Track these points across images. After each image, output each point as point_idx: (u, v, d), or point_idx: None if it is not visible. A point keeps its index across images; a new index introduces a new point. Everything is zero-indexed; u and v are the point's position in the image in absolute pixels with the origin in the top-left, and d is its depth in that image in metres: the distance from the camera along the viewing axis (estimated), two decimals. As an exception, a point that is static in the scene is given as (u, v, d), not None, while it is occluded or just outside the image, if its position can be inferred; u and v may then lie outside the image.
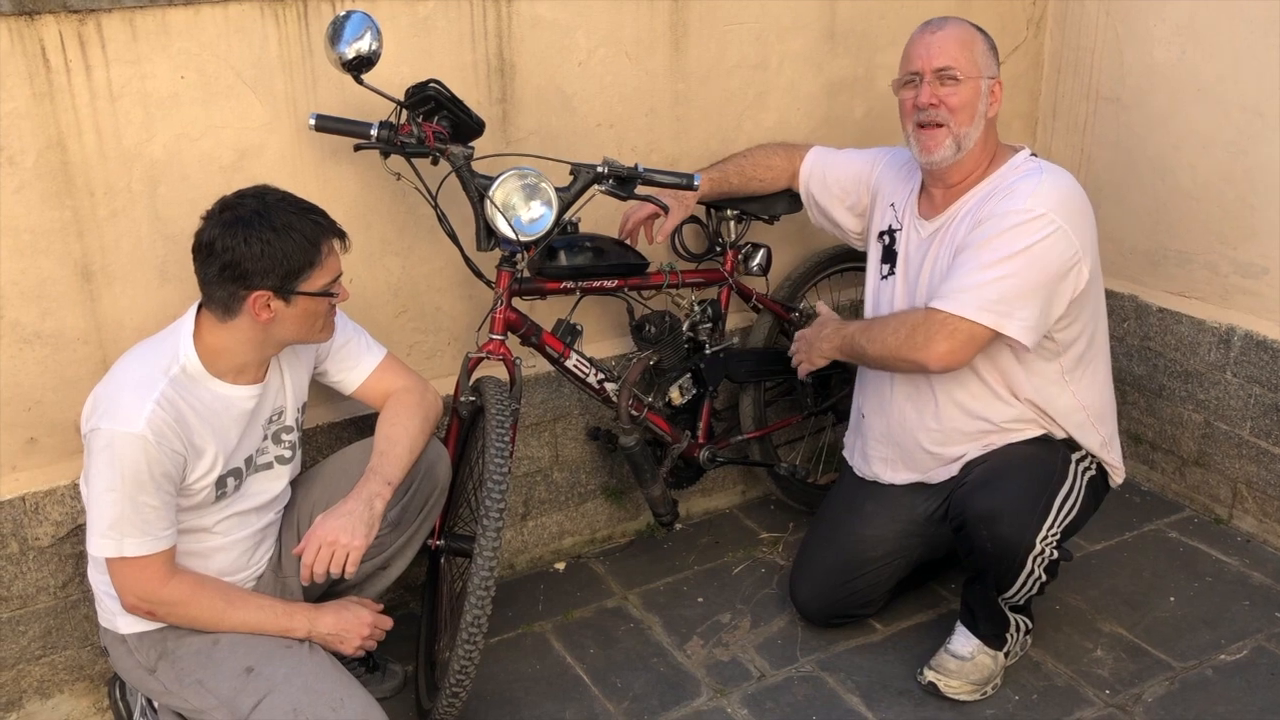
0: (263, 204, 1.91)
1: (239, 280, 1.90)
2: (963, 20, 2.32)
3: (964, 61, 2.25)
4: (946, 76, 2.25)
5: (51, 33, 2.08)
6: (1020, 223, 2.17)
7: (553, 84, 2.62)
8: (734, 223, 2.78)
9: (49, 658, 2.38)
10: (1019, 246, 2.16)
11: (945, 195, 2.36)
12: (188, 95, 2.23)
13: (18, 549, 2.28)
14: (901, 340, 2.26)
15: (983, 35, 2.31)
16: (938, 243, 2.35)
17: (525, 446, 2.80)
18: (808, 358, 2.57)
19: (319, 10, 2.30)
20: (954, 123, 2.26)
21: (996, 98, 2.30)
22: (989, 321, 2.17)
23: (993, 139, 2.34)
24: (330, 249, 1.98)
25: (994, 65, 2.30)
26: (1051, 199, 2.19)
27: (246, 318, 1.94)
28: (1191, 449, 3.10)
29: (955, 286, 2.20)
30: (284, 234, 1.89)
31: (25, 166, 2.13)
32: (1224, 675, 2.46)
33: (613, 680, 2.48)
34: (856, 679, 2.47)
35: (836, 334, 2.47)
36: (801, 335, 2.62)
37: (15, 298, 2.19)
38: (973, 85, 2.25)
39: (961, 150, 2.29)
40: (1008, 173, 2.30)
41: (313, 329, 2.03)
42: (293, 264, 1.91)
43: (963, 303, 2.18)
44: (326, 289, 1.99)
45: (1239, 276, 2.93)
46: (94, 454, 1.89)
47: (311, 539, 1.99)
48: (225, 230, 1.88)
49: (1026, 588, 2.29)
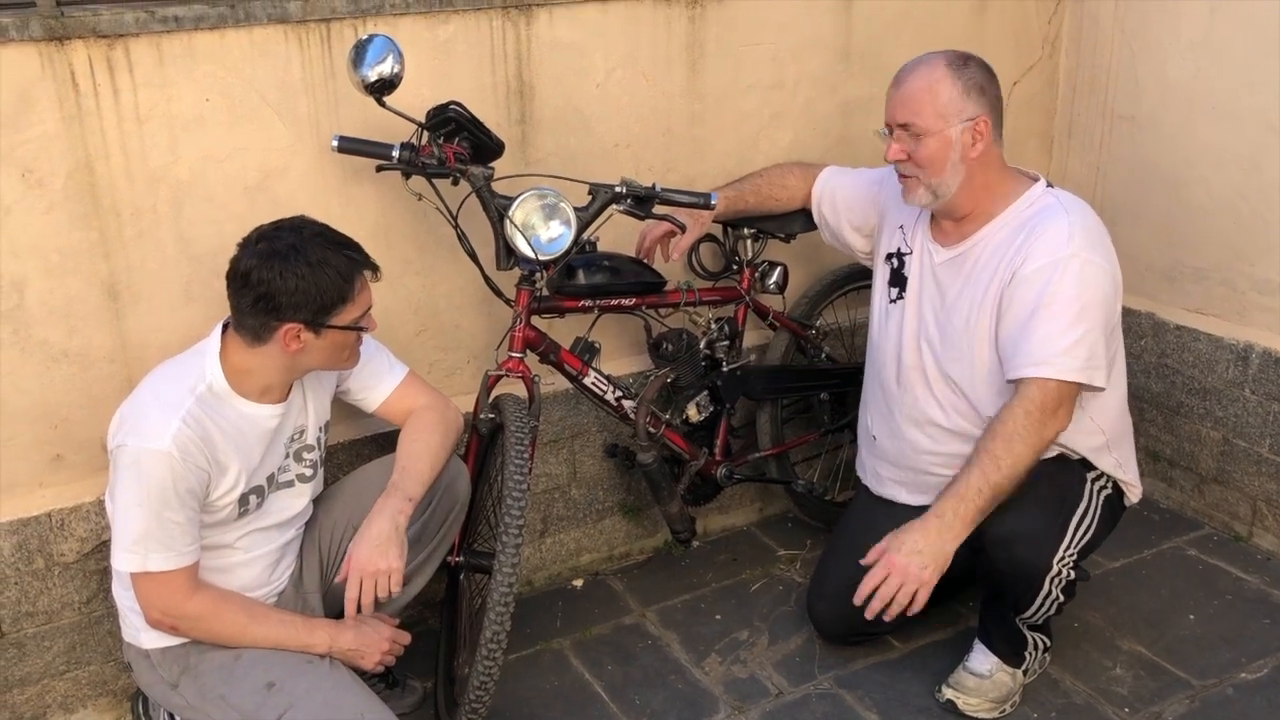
0: (300, 238, 1.93)
1: (272, 312, 1.92)
2: (937, 61, 2.21)
3: (927, 115, 2.19)
4: (910, 133, 2.23)
5: (81, 57, 2.12)
6: (1077, 271, 2.16)
7: (571, 105, 2.65)
8: (751, 241, 2.79)
9: (73, 673, 2.40)
10: (1086, 298, 2.16)
11: (957, 226, 2.34)
12: (213, 118, 2.27)
13: (43, 565, 2.30)
14: (1034, 439, 2.15)
15: (958, 74, 2.19)
16: (962, 274, 2.32)
17: (544, 463, 2.81)
18: (915, 578, 2.11)
19: (341, 34, 2.34)
20: (924, 175, 2.25)
21: (982, 135, 2.20)
22: (1085, 379, 2.17)
23: (992, 173, 2.27)
24: (363, 284, 2.00)
25: (975, 104, 2.20)
26: (1088, 240, 2.19)
27: (276, 346, 1.97)
28: (1210, 466, 3.09)
29: (1051, 352, 2.14)
30: (319, 269, 1.91)
31: (55, 188, 2.17)
32: (1245, 694, 2.44)
33: (631, 697, 2.49)
34: (875, 696, 2.47)
35: (959, 503, 2.12)
36: (888, 562, 2.13)
37: (43, 316, 2.23)
38: (939, 138, 2.20)
39: (940, 197, 2.27)
40: (1025, 209, 2.27)
41: (339, 359, 2.06)
42: (326, 299, 1.94)
43: (1065, 368, 2.15)
44: (357, 323, 2.02)
45: (1256, 293, 2.93)
46: (120, 470, 1.92)
47: (352, 574, 2.01)
48: (262, 262, 1.91)
49: (1044, 609, 2.29)
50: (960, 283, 2.33)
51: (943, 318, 2.36)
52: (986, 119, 2.22)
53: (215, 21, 2.21)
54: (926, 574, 2.11)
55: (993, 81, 2.25)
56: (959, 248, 2.34)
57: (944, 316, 2.36)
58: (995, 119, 2.24)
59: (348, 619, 2.04)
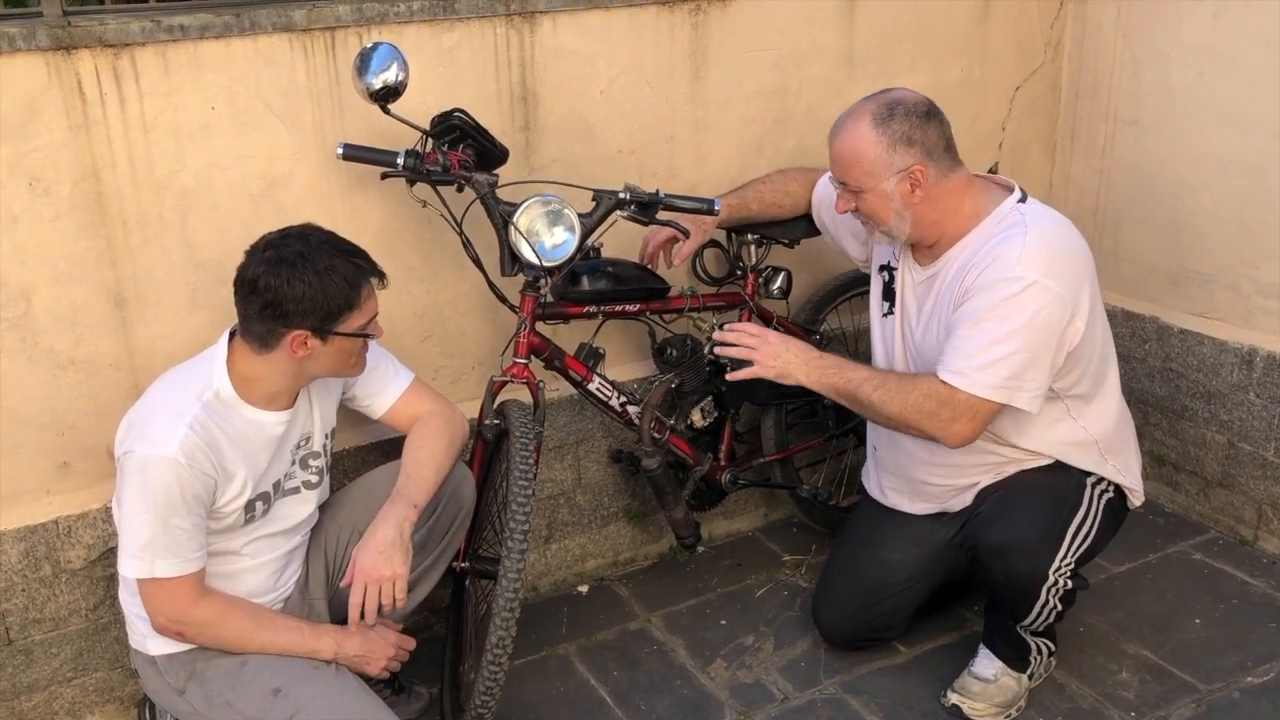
0: (307, 245, 1.94)
1: (279, 319, 1.93)
2: (860, 117, 2.18)
3: (856, 175, 2.20)
4: (848, 190, 2.24)
5: (88, 66, 2.13)
6: (1015, 293, 2.11)
7: (575, 112, 2.65)
8: (754, 247, 2.80)
9: (80, 680, 2.41)
10: (1020, 320, 2.11)
11: (931, 249, 2.32)
12: (218, 126, 2.28)
13: (50, 572, 2.31)
14: (923, 413, 2.18)
15: (881, 130, 2.15)
16: (933, 294, 2.32)
17: (548, 469, 2.82)
18: (768, 363, 2.29)
19: (346, 42, 2.35)
20: (873, 223, 2.27)
21: (920, 181, 2.16)
22: (1002, 399, 2.14)
23: (947, 205, 2.23)
24: (370, 291, 2.01)
25: (902, 157, 2.15)
26: (1040, 263, 2.13)
27: (283, 352, 1.98)
28: (1215, 470, 3.09)
29: (968, 365, 2.14)
30: (326, 277, 1.92)
31: (61, 196, 2.18)
32: (1251, 698, 2.44)
33: (636, 702, 2.49)
34: (880, 701, 2.47)
35: (837, 372, 2.28)
36: (765, 335, 2.33)
37: (50, 325, 2.24)
38: (873, 194, 2.20)
39: (897, 238, 2.27)
40: (993, 226, 2.23)
41: (346, 365, 2.07)
42: (333, 306, 1.94)
43: (976, 382, 2.13)
44: (363, 329, 2.02)
45: (1261, 297, 2.93)
46: (127, 477, 1.93)
47: (356, 580, 2.02)
48: (269, 269, 1.92)
49: (1043, 616, 2.29)
50: (931, 302, 2.33)
51: (919, 335, 2.37)
52: (922, 167, 2.17)
53: (221, 30, 2.22)
54: (776, 365, 2.30)
55: (929, 123, 2.18)
56: (932, 268, 2.33)
57: (919, 334, 2.37)
58: (937, 159, 2.18)
59: (352, 625, 2.05)
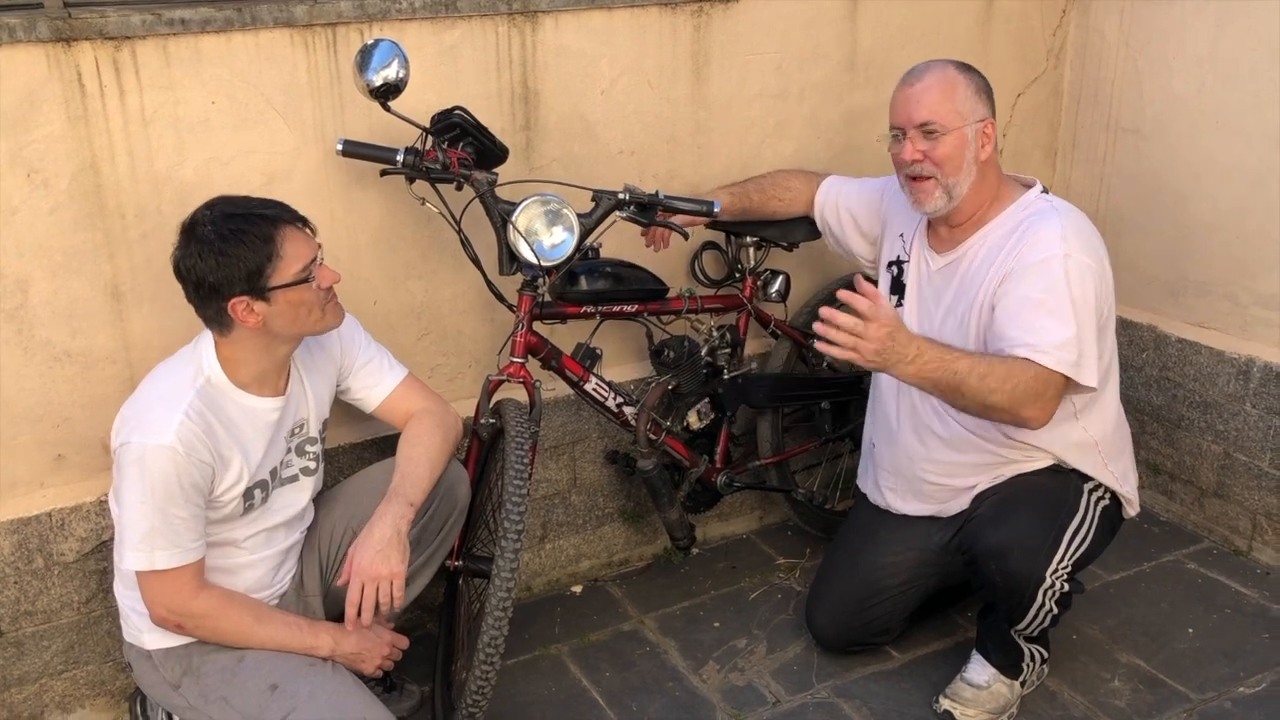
0: (212, 215, 1.94)
1: (212, 295, 1.93)
2: (946, 64, 2.27)
3: (945, 112, 2.22)
4: (928, 131, 2.23)
5: (88, 59, 2.13)
6: (1069, 270, 2.15)
7: (576, 112, 2.65)
8: (753, 249, 2.80)
9: (71, 673, 2.41)
10: (1077, 296, 2.14)
11: (952, 233, 2.35)
12: (218, 120, 2.28)
13: (43, 564, 2.31)
14: (1031, 395, 2.10)
15: (968, 76, 2.25)
16: (955, 279, 2.34)
17: (544, 469, 2.82)
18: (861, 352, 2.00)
19: (347, 38, 2.34)
20: (941, 174, 2.25)
21: (989, 138, 2.25)
22: (1075, 375, 2.14)
23: (993, 177, 2.30)
24: (287, 237, 1.96)
25: (983, 106, 2.25)
26: (1080, 242, 2.19)
27: (239, 327, 1.97)
28: (1211, 480, 3.09)
29: (1046, 341, 2.11)
30: (234, 239, 1.91)
31: (59, 189, 2.17)
32: (1243, 708, 2.44)
33: (628, 704, 2.49)
34: (872, 706, 2.47)
35: (938, 365, 2.06)
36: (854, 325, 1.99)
37: (47, 317, 2.23)
38: (957, 135, 2.22)
39: (954, 199, 2.27)
40: (1018, 213, 2.27)
41: (310, 318, 2.02)
42: (251, 264, 1.92)
43: (1058, 360, 2.11)
44: (300, 276, 1.97)
45: (1259, 308, 2.93)
46: (124, 468, 1.92)
47: (354, 579, 2.01)
48: (185, 251, 1.93)
49: (1038, 620, 2.29)
50: (954, 289, 2.34)
51: (938, 324, 2.36)
52: (992, 122, 2.26)
53: (222, 24, 2.21)
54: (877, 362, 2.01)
55: (991, 90, 2.30)
56: (953, 254, 2.35)
57: (939, 323, 2.36)
58: None
59: (348, 623, 2.05)
